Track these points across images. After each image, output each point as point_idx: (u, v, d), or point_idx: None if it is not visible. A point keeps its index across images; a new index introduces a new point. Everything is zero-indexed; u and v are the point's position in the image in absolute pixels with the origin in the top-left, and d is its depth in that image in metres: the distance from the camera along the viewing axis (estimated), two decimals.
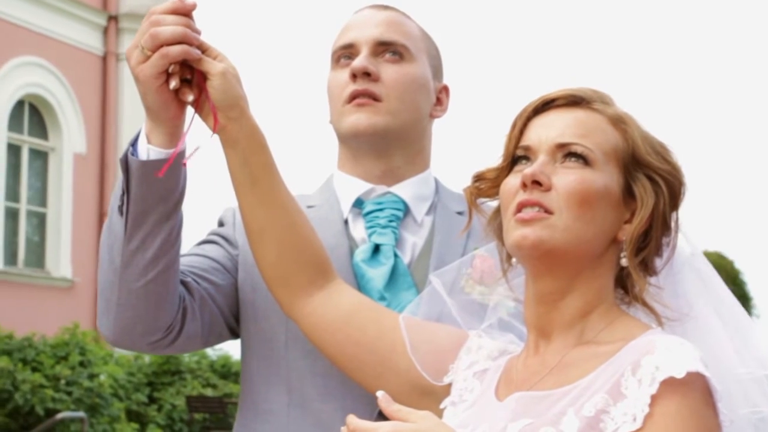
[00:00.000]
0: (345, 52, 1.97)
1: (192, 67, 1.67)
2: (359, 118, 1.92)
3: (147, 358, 13.67)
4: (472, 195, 1.65)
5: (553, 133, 1.54)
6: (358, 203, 1.96)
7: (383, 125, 1.91)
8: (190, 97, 1.66)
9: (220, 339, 1.92)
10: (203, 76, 1.66)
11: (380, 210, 1.93)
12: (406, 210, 1.95)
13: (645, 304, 1.52)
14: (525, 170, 1.51)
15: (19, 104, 14.14)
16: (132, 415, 12.74)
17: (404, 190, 1.96)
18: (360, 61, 1.93)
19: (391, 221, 1.92)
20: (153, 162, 1.67)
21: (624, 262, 1.52)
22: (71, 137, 14.57)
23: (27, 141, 14.27)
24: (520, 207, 1.50)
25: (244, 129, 1.69)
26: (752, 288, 21.34)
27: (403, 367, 1.65)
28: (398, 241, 1.91)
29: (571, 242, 1.49)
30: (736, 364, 1.49)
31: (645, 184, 1.53)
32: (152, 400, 13.52)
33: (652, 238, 1.53)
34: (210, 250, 1.93)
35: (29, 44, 14.01)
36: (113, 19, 15.07)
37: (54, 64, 14.31)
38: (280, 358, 1.85)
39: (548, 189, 1.50)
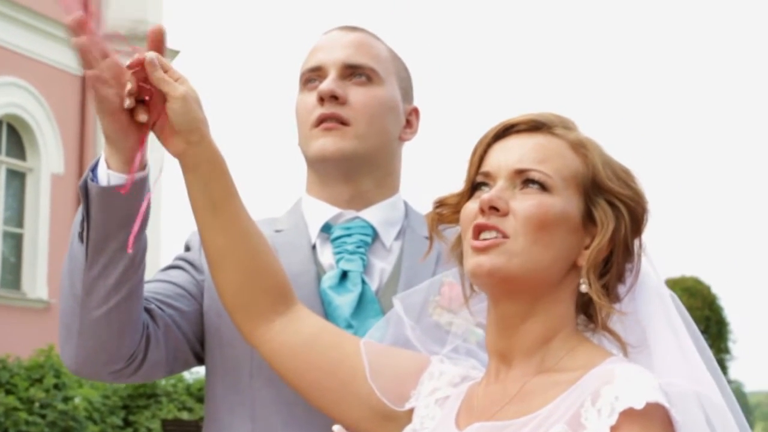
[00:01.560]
0: (313, 75, 1.95)
1: (150, 90, 1.64)
2: (326, 143, 1.89)
3: None
4: (434, 221, 1.65)
5: (513, 158, 1.54)
6: (326, 228, 1.93)
7: (351, 149, 1.89)
8: (144, 117, 1.63)
9: (186, 366, 1.89)
10: (162, 98, 1.64)
11: (348, 235, 1.91)
12: (375, 235, 1.93)
13: (609, 331, 1.51)
14: (482, 196, 1.51)
15: None
16: None
17: (373, 214, 1.93)
18: (327, 84, 1.90)
19: (359, 247, 1.90)
20: (113, 187, 1.65)
21: (583, 288, 1.51)
22: (49, 158, 14.51)
23: (4, 161, 14.21)
24: (477, 231, 1.50)
25: (204, 153, 1.66)
26: (729, 313, 21.40)
27: (364, 392, 1.63)
28: (366, 267, 1.89)
29: (528, 267, 1.48)
30: (697, 393, 1.48)
31: (605, 209, 1.52)
32: (127, 423, 13.42)
33: (614, 263, 1.53)
34: (175, 275, 1.90)
35: (7, 64, 13.97)
36: None
37: (32, 84, 14.27)
38: (244, 386, 1.82)
39: (505, 214, 1.49)
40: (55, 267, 14.29)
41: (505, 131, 1.58)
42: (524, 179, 1.52)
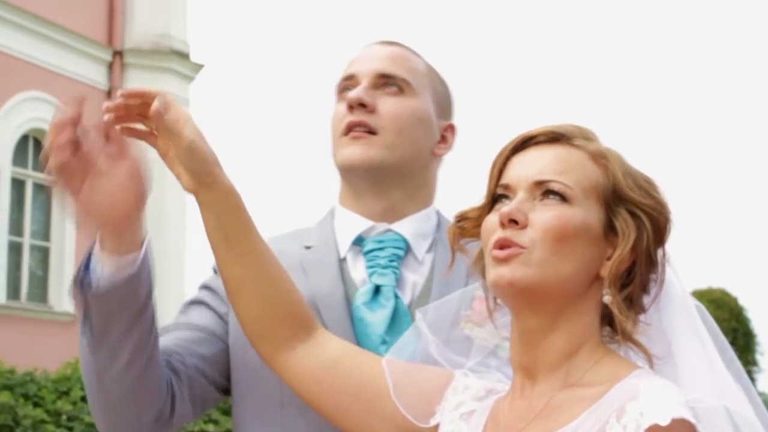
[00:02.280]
0: (346, 84, 1.95)
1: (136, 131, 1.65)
2: (354, 152, 1.88)
3: None
4: (455, 236, 1.64)
5: (532, 170, 1.53)
6: (359, 241, 1.91)
7: (379, 159, 1.88)
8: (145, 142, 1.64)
9: (215, 403, 1.89)
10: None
11: (381, 249, 1.89)
12: (408, 248, 1.90)
13: (634, 342, 1.50)
14: (502, 209, 1.51)
15: (24, 139, 14.18)
16: None
17: (405, 227, 1.92)
18: (356, 92, 1.90)
19: (391, 261, 1.88)
20: (118, 281, 1.62)
21: (606, 299, 1.50)
22: None
23: (31, 175, 14.30)
24: (498, 245, 1.49)
25: (218, 191, 1.66)
26: (757, 324, 21.26)
27: (389, 411, 1.62)
28: (399, 281, 1.87)
29: (549, 278, 1.47)
30: (726, 408, 1.46)
31: (626, 219, 1.51)
32: None
33: (637, 274, 1.52)
34: (197, 317, 1.88)
35: (34, 79, 14.07)
36: (118, 54, 15.14)
37: (57, 99, 14.36)
38: (275, 417, 1.81)
39: (525, 227, 1.49)
40: None
41: (524, 143, 1.58)
42: (544, 191, 1.52)
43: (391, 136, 1.89)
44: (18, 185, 14.09)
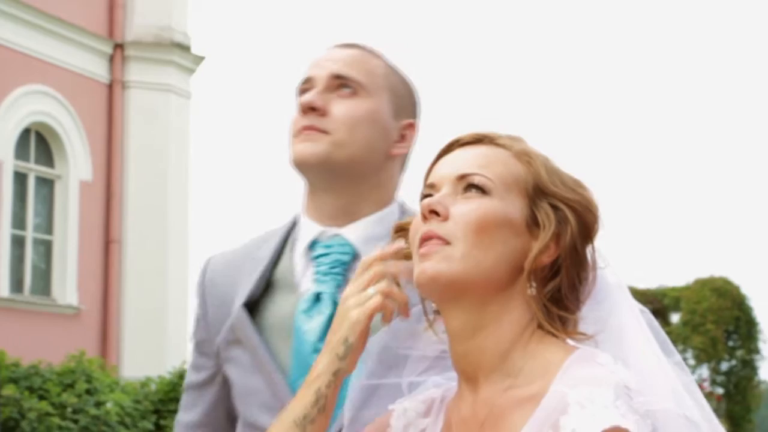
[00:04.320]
0: (304, 88, 1.99)
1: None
2: (304, 148, 1.92)
3: (153, 386, 13.66)
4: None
5: (455, 167, 1.55)
6: (313, 245, 1.95)
7: (326, 153, 1.90)
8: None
9: None
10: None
11: (326, 255, 1.92)
12: (356, 254, 1.92)
13: (566, 333, 1.50)
14: (423, 201, 1.52)
15: (26, 132, 14.18)
16: None
17: (355, 232, 1.94)
18: (308, 96, 1.94)
19: (333, 267, 1.91)
20: None
21: (530, 291, 1.50)
22: (77, 165, 14.61)
23: (33, 169, 14.31)
24: (422, 241, 1.50)
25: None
26: (759, 313, 21.27)
27: None
28: (342, 287, 1.86)
29: (470, 271, 1.47)
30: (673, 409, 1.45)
31: (548, 212, 1.52)
32: (159, 428, 13.48)
33: (562, 268, 1.51)
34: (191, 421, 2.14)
35: (35, 72, 14.07)
36: (119, 47, 15.13)
37: (60, 92, 14.37)
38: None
39: (446, 219, 1.49)
40: (85, 273, 14.38)
41: (450, 147, 1.60)
42: (466, 185, 1.53)
43: (341, 135, 1.91)
44: (20, 179, 14.10)
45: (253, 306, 1.94)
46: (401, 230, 1.64)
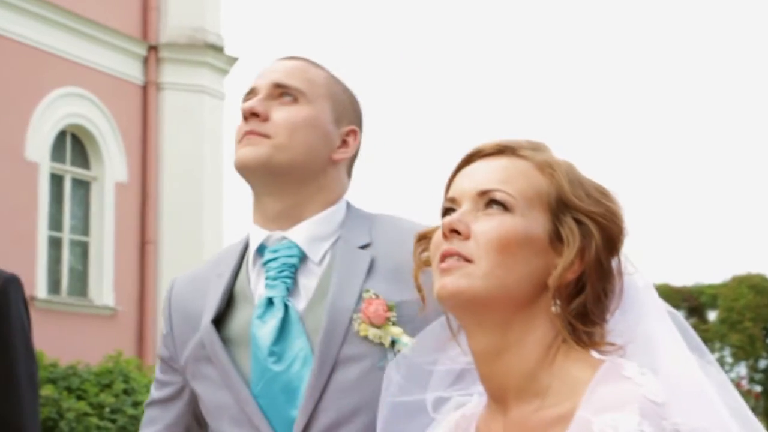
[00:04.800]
0: (247, 98, 2.03)
1: None
2: (246, 152, 1.96)
3: None
4: (419, 268, 1.64)
5: (476, 181, 1.52)
6: (262, 250, 1.98)
7: (267, 156, 1.94)
8: None
9: None
10: None
11: (274, 260, 1.95)
12: (303, 255, 1.95)
13: (594, 347, 1.48)
14: (443, 219, 1.50)
15: (62, 134, 14.29)
16: None
17: (300, 233, 1.96)
18: (250, 102, 1.98)
19: (281, 271, 1.93)
20: None
21: (554, 309, 1.47)
22: (113, 166, 14.70)
23: (69, 171, 14.42)
24: (442, 258, 1.48)
25: None
26: None
27: None
28: (293, 289, 1.92)
29: (492, 289, 1.45)
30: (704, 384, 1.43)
31: (572, 227, 1.48)
32: None
33: (587, 283, 1.48)
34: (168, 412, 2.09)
35: (70, 75, 14.17)
36: (153, 49, 15.21)
37: (95, 95, 14.46)
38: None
39: (467, 237, 1.47)
40: (121, 274, 14.47)
41: (471, 158, 1.57)
42: (487, 201, 1.50)
43: (281, 139, 1.96)
44: (57, 180, 14.21)
45: (218, 322, 1.98)
46: (424, 238, 1.63)
